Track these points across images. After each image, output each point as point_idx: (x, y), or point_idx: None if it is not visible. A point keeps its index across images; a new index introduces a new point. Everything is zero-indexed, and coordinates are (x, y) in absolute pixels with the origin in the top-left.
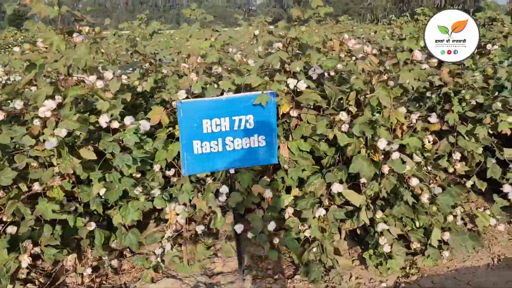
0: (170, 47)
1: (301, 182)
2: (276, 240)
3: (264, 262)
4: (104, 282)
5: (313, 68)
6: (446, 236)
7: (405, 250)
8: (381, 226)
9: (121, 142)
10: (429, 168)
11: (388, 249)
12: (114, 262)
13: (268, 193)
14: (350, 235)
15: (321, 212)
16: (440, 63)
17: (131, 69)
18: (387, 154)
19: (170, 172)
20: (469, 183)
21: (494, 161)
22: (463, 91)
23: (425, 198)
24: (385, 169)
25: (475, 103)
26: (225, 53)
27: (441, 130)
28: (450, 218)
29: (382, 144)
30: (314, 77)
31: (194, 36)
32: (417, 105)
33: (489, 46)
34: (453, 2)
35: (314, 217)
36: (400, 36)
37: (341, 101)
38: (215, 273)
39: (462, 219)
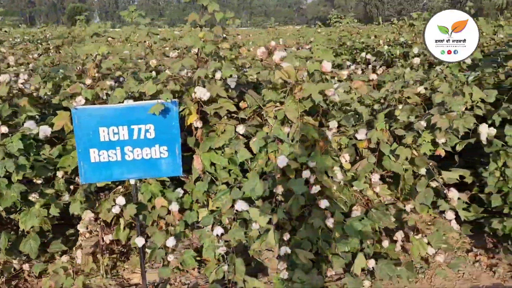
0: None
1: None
2: (170, 258)
3: (183, 277)
4: (20, 286)
5: (234, 76)
6: (372, 263)
7: (315, 278)
8: (283, 250)
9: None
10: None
11: (285, 276)
12: (26, 266)
13: (174, 207)
14: None
15: (218, 231)
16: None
17: (61, 70)
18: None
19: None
20: (408, 207)
21: (436, 184)
22: (400, 107)
23: (329, 222)
24: (279, 189)
25: (412, 120)
26: (148, 55)
27: (369, 148)
28: (385, 243)
29: (280, 161)
30: (232, 85)
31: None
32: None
33: None
34: None
35: (209, 236)
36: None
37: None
38: (131, 284)
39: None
